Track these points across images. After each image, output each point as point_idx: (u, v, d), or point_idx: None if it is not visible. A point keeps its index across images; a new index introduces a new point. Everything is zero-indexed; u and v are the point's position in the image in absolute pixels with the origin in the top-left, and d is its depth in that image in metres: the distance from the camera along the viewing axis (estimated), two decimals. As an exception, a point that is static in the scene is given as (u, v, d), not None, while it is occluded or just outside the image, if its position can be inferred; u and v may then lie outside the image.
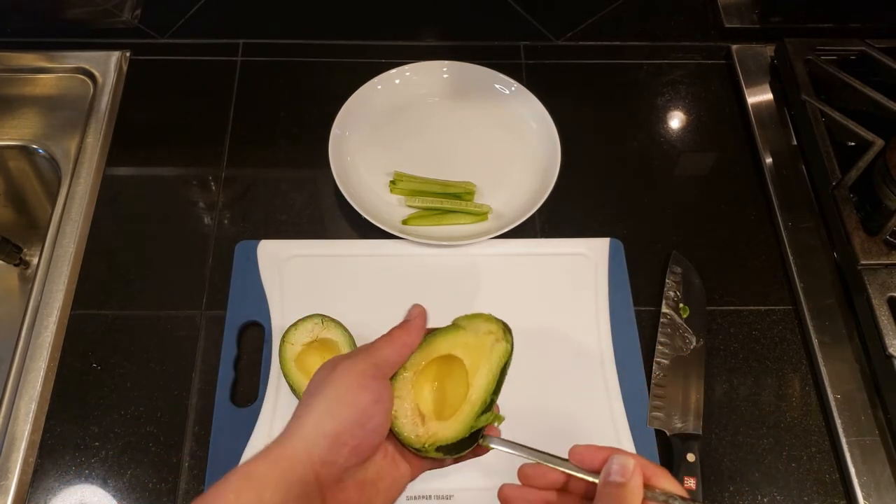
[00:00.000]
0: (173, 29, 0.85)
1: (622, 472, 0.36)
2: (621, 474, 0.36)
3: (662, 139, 0.80)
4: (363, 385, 0.39)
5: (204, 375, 0.64)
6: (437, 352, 0.43)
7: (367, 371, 0.39)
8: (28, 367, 0.63)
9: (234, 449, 0.59)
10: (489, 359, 0.43)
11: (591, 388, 0.63)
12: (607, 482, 0.36)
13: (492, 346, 0.43)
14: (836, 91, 0.78)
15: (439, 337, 0.43)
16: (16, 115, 0.77)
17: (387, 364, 0.41)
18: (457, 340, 0.43)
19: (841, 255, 0.69)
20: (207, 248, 0.70)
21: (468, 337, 0.43)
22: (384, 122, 0.78)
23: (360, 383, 0.39)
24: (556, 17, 0.88)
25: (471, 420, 0.41)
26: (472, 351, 0.43)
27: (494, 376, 0.42)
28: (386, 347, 0.41)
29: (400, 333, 0.42)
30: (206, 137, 0.77)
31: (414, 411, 0.41)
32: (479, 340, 0.43)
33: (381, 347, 0.41)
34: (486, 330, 0.43)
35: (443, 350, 0.43)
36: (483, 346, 0.43)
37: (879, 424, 0.62)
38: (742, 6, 0.89)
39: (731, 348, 0.67)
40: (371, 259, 0.69)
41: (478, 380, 0.42)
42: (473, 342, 0.43)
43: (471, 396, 0.42)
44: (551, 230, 0.73)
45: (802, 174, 0.76)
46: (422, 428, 0.41)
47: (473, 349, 0.43)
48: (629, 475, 0.36)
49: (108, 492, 0.59)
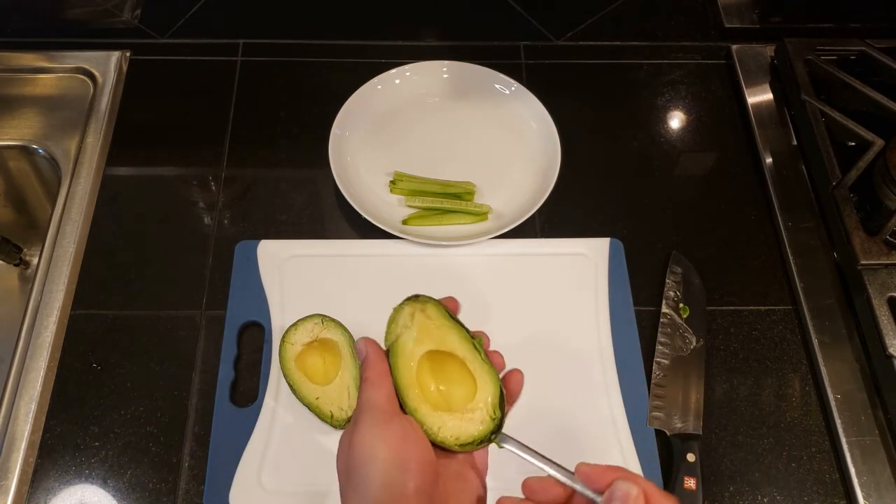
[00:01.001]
0: (173, 29, 0.85)
1: (624, 498, 0.35)
2: (623, 501, 0.35)
3: (662, 139, 0.80)
4: (382, 437, 0.38)
5: (204, 375, 0.64)
6: (422, 351, 0.44)
7: (375, 423, 0.39)
8: (28, 367, 0.63)
9: (234, 449, 0.59)
10: (479, 354, 0.43)
11: (591, 388, 0.63)
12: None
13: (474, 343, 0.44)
14: (836, 91, 0.78)
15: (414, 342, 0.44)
16: (16, 115, 0.77)
17: (381, 402, 0.40)
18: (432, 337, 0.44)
19: (841, 255, 0.69)
20: (207, 248, 0.70)
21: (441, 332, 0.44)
22: (384, 122, 0.78)
23: (374, 444, 0.38)
24: (556, 17, 0.88)
25: (490, 420, 0.42)
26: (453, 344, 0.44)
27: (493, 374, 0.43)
28: (369, 390, 0.41)
29: (368, 372, 0.42)
30: (206, 137, 0.77)
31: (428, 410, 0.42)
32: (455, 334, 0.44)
33: (366, 392, 0.41)
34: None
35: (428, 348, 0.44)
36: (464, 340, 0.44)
37: (879, 424, 0.62)
38: (742, 6, 0.89)
39: (731, 348, 0.67)
40: (371, 259, 0.69)
41: (482, 378, 0.43)
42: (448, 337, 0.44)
43: (485, 397, 0.42)
44: (551, 230, 0.73)
45: (802, 174, 0.76)
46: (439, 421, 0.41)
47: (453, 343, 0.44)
48: (631, 503, 0.35)
49: (108, 492, 0.59)
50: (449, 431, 0.41)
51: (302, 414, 0.60)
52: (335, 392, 0.59)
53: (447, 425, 0.41)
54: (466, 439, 0.41)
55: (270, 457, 0.59)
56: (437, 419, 0.41)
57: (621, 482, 0.36)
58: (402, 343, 0.44)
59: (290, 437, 0.60)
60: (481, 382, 0.42)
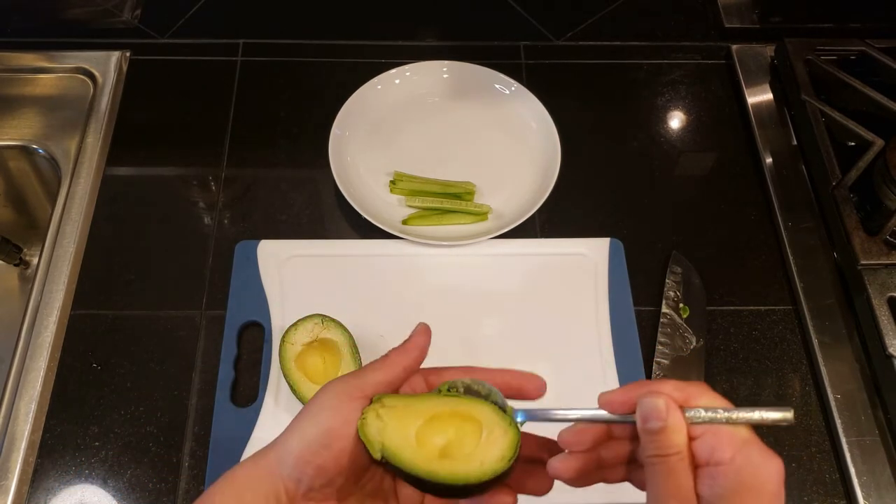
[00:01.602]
0: (173, 29, 0.85)
1: (657, 415, 0.34)
2: (657, 417, 0.34)
3: (662, 139, 0.80)
4: (335, 406, 0.38)
5: (204, 375, 0.64)
6: (448, 407, 0.39)
7: (345, 391, 0.39)
8: (28, 367, 0.63)
9: (234, 449, 0.59)
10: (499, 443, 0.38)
11: (591, 388, 0.63)
12: (646, 429, 0.34)
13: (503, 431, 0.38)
14: (836, 91, 0.78)
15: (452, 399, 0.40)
16: (16, 115, 0.77)
17: (371, 384, 0.39)
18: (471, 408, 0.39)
19: (841, 255, 0.69)
20: (207, 248, 0.70)
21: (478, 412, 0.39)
22: (384, 122, 0.78)
23: (333, 404, 0.38)
24: (556, 17, 0.88)
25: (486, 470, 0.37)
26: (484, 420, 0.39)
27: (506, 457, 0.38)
28: (377, 369, 0.40)
29: (396, 354, 0.40)
30: (206, 137, 0.77)
31: (417, 439, 0.38)
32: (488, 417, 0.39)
33: (373, 368, 0.40)
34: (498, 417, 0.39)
35: (455, 409, 0.39)
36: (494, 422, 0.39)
37: (879, 424, 0.62)
38: (742, 6, 0.89)
39: (731, 348, 0.67)
40: (371, 259, 0.69)
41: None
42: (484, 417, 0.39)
43: (458, 459, 0.38)
44: (551, 230, 0.73)
45: (802, 174, 0.76)
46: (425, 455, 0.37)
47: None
48: (664, 416, 0.34)
49: (108, 492, 0.59)
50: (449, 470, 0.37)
51: (302, 414, 0.60)
52: None
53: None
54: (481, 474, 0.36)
55: (270, 457, 0.59)
56: None
57: (645, 400, 0.34)
58: None
59: (290, 437, 0.60)
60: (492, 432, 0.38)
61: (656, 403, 0.34)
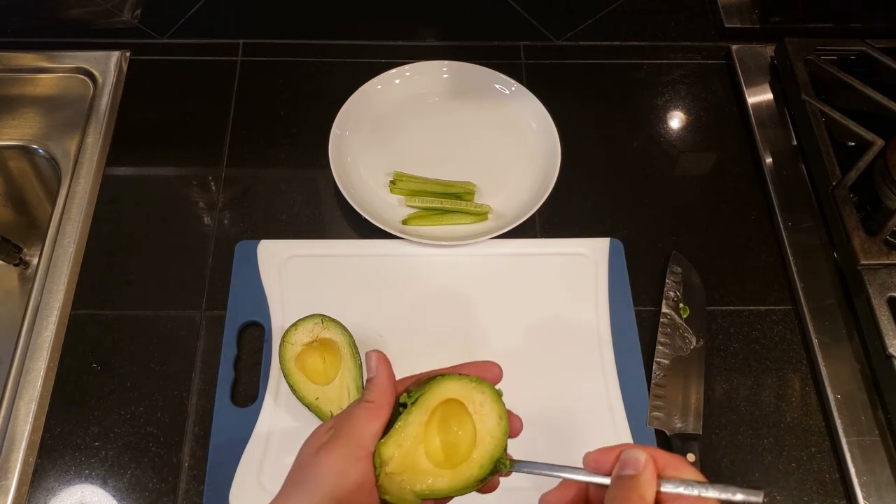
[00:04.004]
0: (173, 29, 0.85)
1: (634, 464, 0.35)
2: (633, 467, 0.35)
3: (662, 139, 0.80)
4: (344, 471, 0.38)
5: (204, 375, 0.64)
6: (435, 401, 0.41)
7: (351, 454, 0.39)
8: (28, 367, 0.63)
9: (234, 449, 0.59)
10: (487, 419, 0.41)
11: (591, 388, 0.63)
12: (620, 476, 0.36)
13: (489, 406, 0.41)
14: (836, 91, 0.78)
15: (434, 390, 0.41)
16: (16, 115, 0.77)
17: (371, 439, 0.39)
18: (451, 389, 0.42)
19: (841, 255, 0.69)
20: (207, 248, 0.70)
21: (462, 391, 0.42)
22: (384, 122, 0.78)
23: (340, 469, 0.38)
24: (556, 17, 0.88)
25: (475, 477, 0.40)
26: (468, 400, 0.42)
27: (497, 439, 0.41)
28: (370, 420, 0.40)
29: (378, 394, 0.41)
30: (206, 137, 0.77)
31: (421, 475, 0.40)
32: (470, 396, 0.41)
33: (366, 419, 0.40)
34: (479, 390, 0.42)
35: (442, 398, 0.41)
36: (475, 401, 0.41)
37: (879, 424, 0.62)
38: (742, 6, 0.89)
39: (731, 348, 0.67)
40: (371, 259, 0.69)
41: (481, 440, 0.41)
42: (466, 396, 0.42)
43: (475, 457, 0.40)
44: (551, 230, 0.73)
45: (802, 174, 0.76)
46: None
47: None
48: (641, 467, 0.35)
49: (108, 492, 0.59)
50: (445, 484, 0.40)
51: (302, 414, 0.60)
52: (335, 392, 0.59)
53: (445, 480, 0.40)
54: (463, 483, 0.40)
55: (270, 457, 0.59)
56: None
57: (629, 451, 0.36)
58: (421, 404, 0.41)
59: (290, 436, 0.60)
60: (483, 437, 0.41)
61: (637, 454, 0.36)
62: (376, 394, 0.41)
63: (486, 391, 0.41)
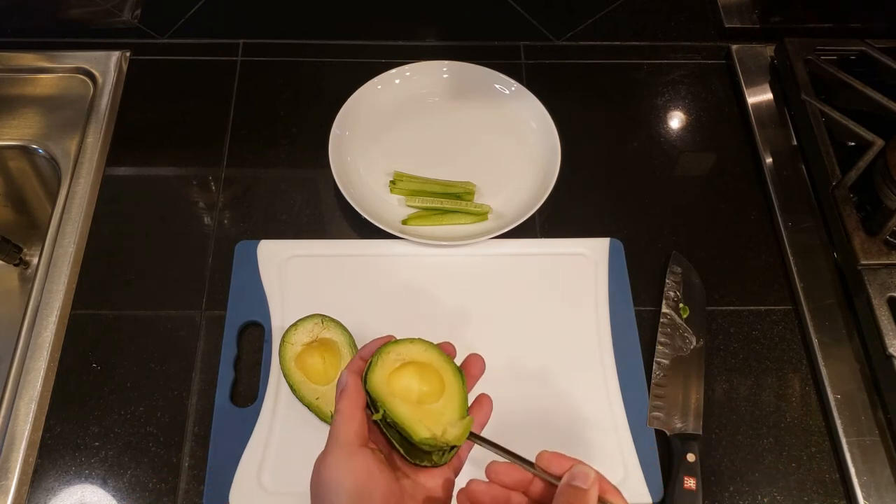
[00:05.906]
0: (173, 29, 0.85)
1: (584, 479, 0.39)
2: (584, 481, 0.39)
3: (662, 139, 0.80)
4: (349, 471, 0.41)
5: (204, 375, 0.64)
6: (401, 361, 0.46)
7: (342, 454, 0.42)
8: (28, 367, 0.63)
9: (234, 449, 0.59)
10: (447, 364, 0.46)
11: (591, 388, 0.63)
12: (570, 485, 0.39)
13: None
14: (836, 91, 0.78)
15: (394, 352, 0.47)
16: (16, 115, 0.77)
17: (350, 436, 0.42)
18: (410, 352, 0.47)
19: (841, 255, 0.69)
20: (207, 248, 0.70)
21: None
22: (384, 122, 0.78)
23: (345, 471, 0.41)
24: (556, 17, 0.88)
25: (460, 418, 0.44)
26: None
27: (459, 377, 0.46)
28: (340, 423, 0.43)
29: (343, 404, 0.44)
30: (206, 137, 0.77)
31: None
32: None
33: (337, 424, 0.43)
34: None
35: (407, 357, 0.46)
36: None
37: (879, 424, 0.62)
38: (742, 6, 0.89)
39: (731, 348, 0.67)
40: (371, 259, 0.69)
41: (448, 381, 0.46)
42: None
43: (452, 399, 0.45)
44: (551, 230, 0.73)
45: (802, 174, 0.76)
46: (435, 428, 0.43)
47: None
48: (590, 483, 0.39)
49: (108, 492, 0.59)
50: (433, 430, 0.43)
51: (302, 414, 0.60)
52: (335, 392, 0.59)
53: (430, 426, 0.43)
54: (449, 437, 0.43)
55: (270, 457, 0.59)
56: (419, 421, 0.43)
57: (580, 465, 0.40)
58: (383, 358, 0.46)
59: (290, 437, 0.60)
60: (450, 390, 0.45)
61: (588, 471, 0.40)
62: (346, 400, 0.44)
63: (441, 354, 0.47)
